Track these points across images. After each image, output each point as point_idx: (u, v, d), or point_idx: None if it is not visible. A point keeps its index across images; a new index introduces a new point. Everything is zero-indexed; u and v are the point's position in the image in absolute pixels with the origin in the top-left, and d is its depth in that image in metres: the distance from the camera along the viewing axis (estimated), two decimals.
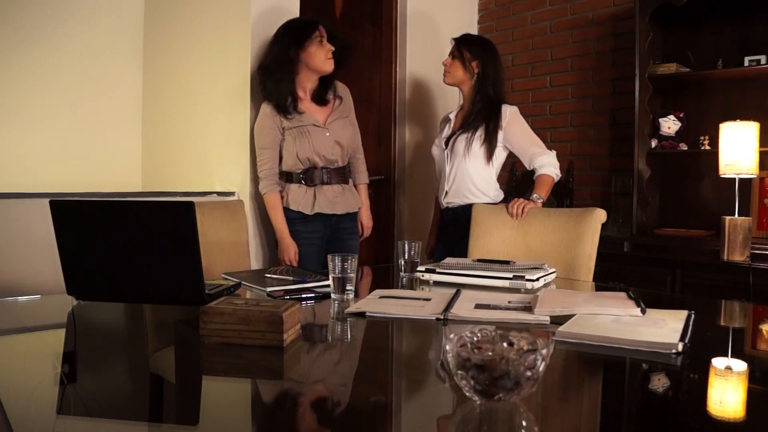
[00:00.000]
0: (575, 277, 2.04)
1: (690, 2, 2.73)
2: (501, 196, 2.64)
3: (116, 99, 3.41)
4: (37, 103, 3.17)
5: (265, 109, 2.52)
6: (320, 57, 2.47)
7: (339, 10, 3.24)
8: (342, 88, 2.66)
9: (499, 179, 2.66)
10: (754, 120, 2.62)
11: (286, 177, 2.55)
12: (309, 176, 2.52)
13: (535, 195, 2.39)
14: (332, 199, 2.55)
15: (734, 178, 2.61)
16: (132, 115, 3.47)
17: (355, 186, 2.71)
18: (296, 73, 2.50)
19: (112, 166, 3.39)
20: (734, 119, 2.63)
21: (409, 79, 3.43)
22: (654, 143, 3.00)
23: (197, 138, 3.05)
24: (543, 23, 3.58)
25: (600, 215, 2.10)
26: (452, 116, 2.72)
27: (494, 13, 3.80)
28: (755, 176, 2.66)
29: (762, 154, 2.64)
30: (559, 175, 2.51)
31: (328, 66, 2.50)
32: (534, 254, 2.18)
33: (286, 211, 2.53)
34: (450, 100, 3.57)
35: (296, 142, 2.48)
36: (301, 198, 2.51)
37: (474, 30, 3.83)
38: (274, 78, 2.47)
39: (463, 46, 2.60)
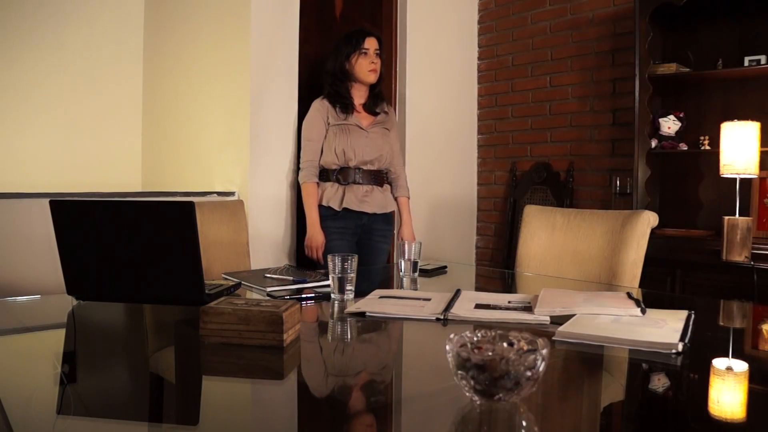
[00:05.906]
0: (618, 284, 1.91)
1: (690, 2, 2.73)
2: None
3: (116, 99, 3.41)
4: (37, 102, 3.18)
5: (317, 104, 2.67)
6: (362, 68, 2.62)
7: (339, 10, 3.24)
8: (389, 108, 2.82)
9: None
10: (754, 120, 2.62)
11: (323, 175, 2.67)
12: (343, 175, 2.64)
13: None
14: (361, 197, 2.65)
15: (734, 178, 2.61)
16: (132, 115, 3.47)
17: (396, 199, 2.79)
18: (349, 81, 2.66)
19: (112, 166, 3.39)
20: (734, 119, 2.63)
21: (409, 79, 3.42)
22: (654, 143, 3.00)
23: (197, 138, 3.05)
24: (543, 23, 3.58)
25: (648, 218, 1.94)
26: None
27: (494, 13, 3.80)
28: (755, 176, 2.66)
29: (762, 154, 2.64)
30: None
31: (369, 77, 2.65)
32: (581, 258, 2.03)
33: (319, 207, 2.65)
34: (450, 100, 3.57)
35: (336, 138, 2.62)
36: (332, 194, 2.64)
37: (474, 30, 3.83)
38: (331, 82, 2.66)
39: None
